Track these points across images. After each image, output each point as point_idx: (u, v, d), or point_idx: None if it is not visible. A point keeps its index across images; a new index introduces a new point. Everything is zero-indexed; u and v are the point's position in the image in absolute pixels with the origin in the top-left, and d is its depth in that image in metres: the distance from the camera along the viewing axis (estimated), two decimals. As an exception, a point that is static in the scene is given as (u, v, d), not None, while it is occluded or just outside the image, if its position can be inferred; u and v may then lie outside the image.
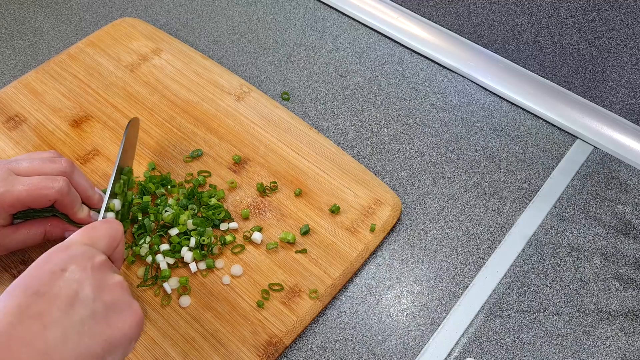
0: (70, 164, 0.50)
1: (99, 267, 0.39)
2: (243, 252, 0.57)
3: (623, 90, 0.64)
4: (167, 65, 0.71)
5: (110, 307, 0.38)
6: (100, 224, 0.44)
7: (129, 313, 0.39)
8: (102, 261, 0.40)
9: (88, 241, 0.41)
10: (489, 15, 0.69)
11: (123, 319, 0.38)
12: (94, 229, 0.43)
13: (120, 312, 0.38)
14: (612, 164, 0.66)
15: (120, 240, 0.44)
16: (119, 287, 0.40)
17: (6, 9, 0.79)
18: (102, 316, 0.37)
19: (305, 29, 0.78)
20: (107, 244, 0.43)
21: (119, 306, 0.39)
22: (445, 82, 0.73)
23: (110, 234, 0.43)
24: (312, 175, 0.62)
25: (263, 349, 0.51)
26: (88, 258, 0.39)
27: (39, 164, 0.49)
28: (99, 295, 0.38)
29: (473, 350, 0.53)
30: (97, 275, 0.39)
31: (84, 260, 0.39)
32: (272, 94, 0.71)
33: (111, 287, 0.39)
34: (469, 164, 0.66)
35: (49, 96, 0.68)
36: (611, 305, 0.56)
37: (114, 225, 0.44)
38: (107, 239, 0.43)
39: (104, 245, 0.42)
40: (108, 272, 0.40)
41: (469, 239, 0.60)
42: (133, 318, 0.39)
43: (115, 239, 0.44)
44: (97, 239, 0.42)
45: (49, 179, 0.48)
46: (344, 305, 0.56)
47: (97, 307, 0.37)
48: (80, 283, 0.37)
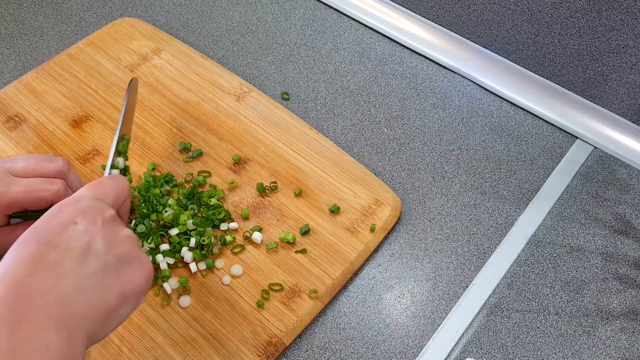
0: (67, 163, 0.50)
1: (109, 220, 0.40)
2: (243, 252, 0.57)
3: (623, 90, 0.64)
4: (167, 65, 0.71)
5: (122, 260, 0.38)
6: (108, 179, 0.44)
7: (140, 266, 0.39)
8: (111, 215, 0.40)
9: (97, 195, 0.41)
10: (489, 15, 0.69)
11: (134, 272, 0.39)
12: (101, 184, 0.43)
13: (131, 265, 0.39)
14: (612, 164, 0.66)
15: (126, 195, 0.44)
16: (129, 240, 0.40)
17: (6, 9, 0.79)
18: (114, 269, 0.38)
19: (305, 29, 0.78)
20: (115, 198, 0.43)
21: (129, 259, 0.39)
22: (445, 82, 0.73)
23: (117, 189, 0.43)
24: (312, 175, 0.62)
25: (263, 349, 0.51)
26: (98, 211, 0.39)
27: (35, 163, 0.49)
28: (110, 248, 0.38)
29: (473, 350, 0.53)
30: (108, 229, 0.39)
31: (94, 213, 0.39)
32: (272, 94, 0.71)
33: (121, 241, 0.39)
34: (469, 164, 0.66)
35: (49, 96, 0.68)
36: (611, 305, 0.56)
37: (120, 181, 0.44)
38: (115, 194, 0.43)
39: (111, 200, 0.42)
40: (118, 226, 0.40)
41: (469, 239, 0.60)
42: (143, 270, 0.39)
43: (122, 193, 0.44)
44: (105, 194, 0.42)
45: (46, 181, 0.48)
46: (344, 305, 0.56)
47: (109, 260, 0.37)
48: (91, 236, 0.38)
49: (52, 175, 0.49)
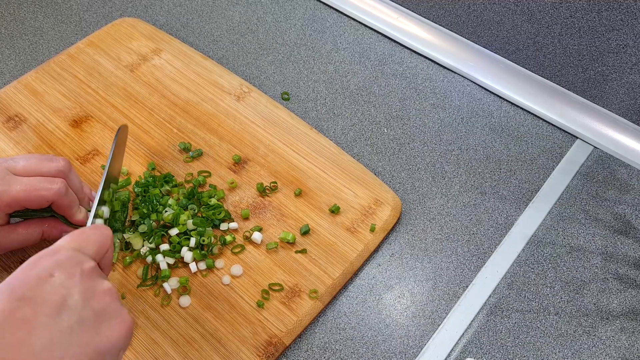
0: (68, 163, 0.50)
1: (88, 273, 0.38)
2: (243, 252, 0.57)
3: (623, 90, 0.64)
4: (167, 65, 0.71)
5: (99, 314, 0.37)
6: (90, 230, 0.43)
7: (118, 321, 0.38)
8: (91, 267, 0.39)
9: (77, 246, 0.40)
10: (489, 15, 0.69)
11: (112, 328, 0.37)
12: (82, 234, 0.42)
13: (109, 320, 0.37)
14: (612, 164, 0.66)
15: (109, 246, 0.43)
16: (109, 294, 0.39)
17: (6, 9, 0.79)
18: (91, 324, 0.36)
19: (305, 29, 0.78)
20: (96, 249, 0.41)
21: (108, 314, 0.37)
22: (445, 82, 0.73)
23: (100, 240, 0.42)
24: (312, 175, 0.62)
25: (263, 349, 0.51)
26: (76, 263, 0.38)
27: (36, 163, 0.49)
28: (87, 302, 0.37)
29: (473, 350, 0.53)
30: (86, 282, 0.38)
31: (72, 265, 0.38)
32: (272, 94, 0.71)
33: (100, 294, 0.38)
34: (469, 164, 0.66)
35: (49, 96, 0.68)
36: (611, 305, 0.56)
37: (103, 231, 0.43)
38: (96, 244, 0.42)
39: (92, 251, 0.41)
40: (97, 279, 0.39)
41: (469, 239, 0.60)
42: (122, 326, 0.38)
43: (105, 245, 0.42)
44: (86, 244, 0.41)
45: (47, 180, 0.48)
46: (344, 305, 0.56)
47: (85, 315, 0.36)
48: (68, 289, 0.36)
49: (53, 175, 0.50)
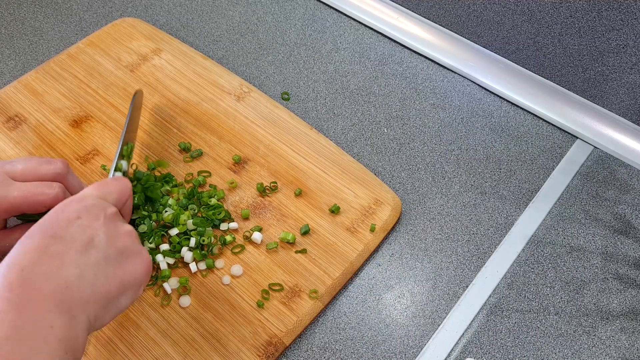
0: (66, 165, 0.51)
1: (111, 217, 0.42)
2: (243, 252, 0.57)
3: (623, 90, 0.64)
4: (167, 65, 0.71)
5: (122, 252, 0.41)
6: (111, 181, 0.47)
7: (139, 259, 0.42)
8: (113, 212, 0.43)
9: (100, 194, 0.44)
10: (489, 15, 0.69)
11: (134, 264, 0.42)
12: (105, 184, 0.46)
13: (131, 257, 0.42)
14: (612, 164, 0.66)
15: (129, 195, 0.47)
16: (129, 235, 0.43)
17: (6, 9, 0.79)
18: (115, 260, 0.40)
19: (305, 29, 0.78)
20: (117, 198, 0.45)
21: (129, 252, 0.42)
22: (445, 82, 0.73)
23: (120, 189, 0.46)
24: (312, 175, 0.62)
25: (263, 349, 0.51)
26: (101, 209, 0.42)
27: (34, 166, 0.49)
28: (111, 241, 0.41)
29: (473, 350, 0.53)
30: (109, 224, 0.42)
31: (97, 210, 0.42)
32: (272, 94, 0.71)
33: (122, 235, 0.42)
34: (469, 164, 0.66)
35: (49, 96, 0.68)
36: (611, 305, 0.56)
37: (123, 182, 0.47)
38: (117, 193, 0.46)
39: (114, 199, 0.45)
40: (119, 222, 0.43)
41: (469, 239, 0.60)
42: (142, 263, 0.42)
43: (125, 194, 0.47)
44: (108, 193, 0.45)
45: (44, 185, 0.48)
46: (344, 305, 0.56)
47: (110, 252, 0.40)
48: (94, 230, 0.40)
49: (51, 178, 0.50)
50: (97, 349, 0.51)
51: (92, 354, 0.51)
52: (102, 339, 0.51)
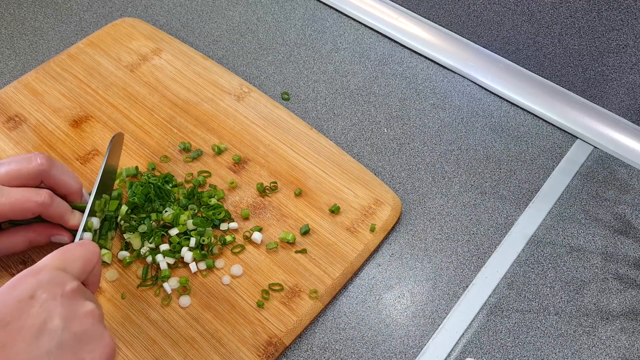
0: (47, 160, 0.48)
1: (70, 294, 0.38)
2: (243, 252, 0.57)
3: (623, 90, 0.64)
4: (167, 65, 0.71)
5: (80, 338, 0.36)
6: (75, 246, 0.42)
7: (99, 344, 0.37)
8: (73, 288, 0.38)
9: (60, 265, 0.39)
10: (489, 15, 0.69)
11: (93, 351, 0.37)
12: (67, 251, 0.41)
13: (90, 343, 0.37)
14: (612, 164, 0.66)
15: (96, 262, 0.42)
16: (90, 316, 0.38)
17: (6, 9, 0.79)
18: (70, 348, 0.36)
19: (305, 29, 0.78)
20: (81, 267, 0.40)
21: (89, 337, 0.37)
22: (445, 82, 0.73)
23: (85, 257, 0.41)
24: (312, 175, 0.62)
25: (263, 349, 0.51)
26: (58, 284, 0.37)
27: (17, 168, 0.47)
28: (68, 325, 0.36)
29: (473, 350, 0.53)
30: (67, 304, 0.37)
31: (54, 287, 0.37)
32: (272, 94, 0.71)
33: (82, 317, 0.37)
34: (469, 164, 0.66)
35: (49, 96, 0.68)
36: (611, 305, 0.56)
37: (90, 248, 0.42)
38: (82, 262, 0.41)
39: (77, 269, 0.40)
40: (79, 300, 0.38)
41: (469, 239, 0.60)
42: (102, 349, 0.37)
43: (91, 262, 0.41)
44: (71, 263, 0.40)
45: (31, 193, 0.46)
46: (344, 305, 0.56)
47: (65, 338, 0.35)
48: (48, 312, 0.36)
49: (34, 175, 0.48)
50: (97, 349, 0.51)
51: (92, 354, 0.51)
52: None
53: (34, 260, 0.54)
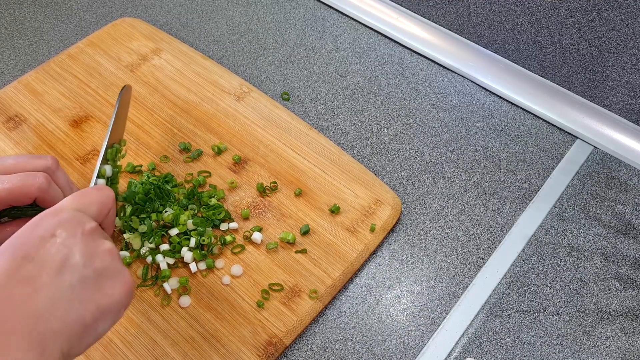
0: (55, 162, 0.48)
1: (89, 233, 0.39)
2: (243, 252, 0.57)
3: (623, 90, 0.64)
4: (167, 66, 0.71)
5: (100, 273, 0.37)
6: (92, 190, 0.43)
7: (119, 280, 0.38)
8: (92, 227, 0.39)
9: (79, 207, 0.40)
10: (489, 15, 0.69)
11: (113, 285, 0.38)
12: (85, 194, 0.42)
13: (110, 278, 0.38)
14: (612, 164, 0.66)
15: (111, 206, 0.43)
16: (109, 253, 0.39)
17: (6, 9, 0.79)
18: (92, 282, 0.37)
19: (305, 29, 0.78)
20: (98, 210, 0.42)
21: (109, 273, 0.38)
22: (445, 82, 0.73)
23: (101, 200, 0.42)
24: (312, 175, 0.62)
25: (263, 349, 0.51)
26: (78, 224, 0.38)
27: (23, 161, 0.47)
28: (89, 261, 0.37)
29: (473, 350, 0.53)
30: (87, 242, 0.38)
31: (74, 225, 0.38)
32: (272, 94, 0.71)
33: (101, 254, 0.38)
34: (469, 164, 0.66)
35: (49, 96, 0.68)
36: (611, 305, 0.56)
37: (105, 192, 0.43)
38: (98, 205, 0.42)
39: (94, 212, 0.41)
40: (98, 239, 0.39)
41: (469, 239, 0.60)
42: (123, 284, 0.38)
43: (107, 205, 0.43)
44: (88, 205, 0.41)
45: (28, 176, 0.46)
46: (344, 305, 0.56)
47: (86, 273, 0.37)
48: (69, 248, 0.37)
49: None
50: (97, 349, 0.51)
51: (92, 354, 0.51)
52: (102, 339, 0.51)
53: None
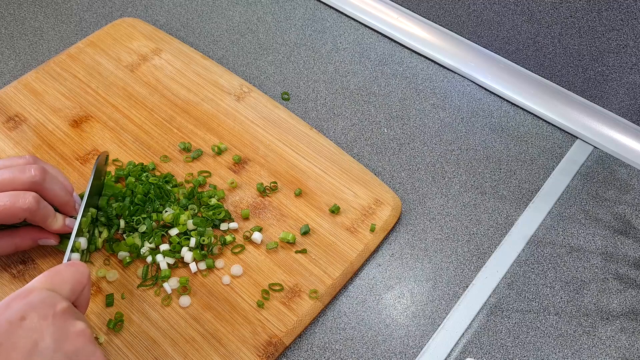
0: (41, 172, 0.48)
1: (61, 314, 0.38)
2: (243, 252, 0.57)
3: (623, 90, 0.64)
4: (167, 65, 0.71)
5: (71, 357, 0.37)
6: (65, 268, 0.42)
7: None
8: (63, 308, 0.38)
9: (50, 286, 0.40)
10: (489, 15, 0.69)
11: None
12: (57, 273, 0.41)
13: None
14: (612, 164, 0.66)
15: (86, 283, 0.43)
16: (82, 335, 0.38)
17: (6, 9, 0.79)
18: None
19: (305, 29, 0.78)
20: (71, 288, 0.41)
21: (80, 356, 0.37)
22: (445, 82, 0.73)
23: (75, 278, 0.42)
24: (312, 175, 0.62)
25: (263, 349, 0.51)
26: (49, 305, 0.38)
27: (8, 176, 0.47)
28: (59, 345, 0.36)
29: (473, 350, 0.53)
30: (59, 324, 0.37)
31: (44, 308, 0.37)
32: (272, 94, 0.71)
33: (73, 336, 0.38)
34: (469, 164, 0.66)
35: (49, 96, 0.68)
36: (611, 305, 0.56)
37: (79, 269, 0.43)
38: (71, 283, 0.41)
39: (67, 291, 0.41)
40: (70, 320, 0.38)
41: (469, 239, 0.60)
42: None
43: (81, 282, 0.42)
44: (61, 284, 0.40)
45: (17, 196, 0.46)
46: (344, 305, 0.56)
47: (57, 358, 0.36)
48: (40, 333, 0.36)
49: (27, 187, 0.47)
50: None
51: (92, 354, 0.51)
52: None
53: (34, 260, 0.54)
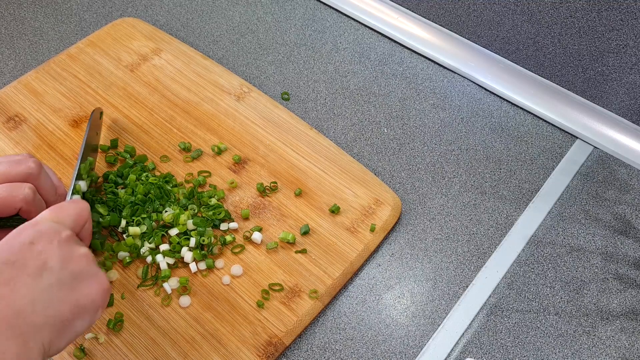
0: (38, 165, 0.50)
1: (65, 240, 0.42)
2: (243, 252, 0.57)
3: (623, 90, 0.64)
4: (167, 65, 0.71)
5: (77, 276, 0.41)
6: (68, 204, 0.46)
7: (95, 281, 0.42)
8: (68, 235, 0.42)
9: (56, 219, 0.44)
10: (489, 15, 0.69)
11: (89, 286, 0.41)
12: (61, 208, 0.45)
13: (86, 280, 0.41)
14: (612, 164, 0.66)
15: (87, 219, 0.46)
16: (85, 258, 0.42)
17: (6, 9, 0.79)
18: (69, 284, 0.40)
19: (305, 29, 0.78)
20: (74, 221, 0.45)
21: (85, 275, 0.41)
22: (445, 82, 0.73)
23: (77, 213, 0.45)
24: (312, 175, 0.62)
25: (263, 349, 0.51)
26: (55, 232, 0.42)
27: (5, 168, 0.49)
28: (65, 265, 0.40)
29: (473, 350, 0.53)
30: (64, 248, 0.41)
31: (51, 234, 0.41)
32: (272, 94, 0.71)
33: (77, 258, 0.42)
34: (469, 164, 0.66)
35: (49, 96, 0.68)
36: (611, 305, 0.56)
37: (80, 205, 0.46)
38: (74, 217, 0.45)
39: (70, 223, 0.44)
40: (74, 245, 0.42)
41: (469, 239, 0.60)
42: (99, 286, 0.42)
43: (82, 217, 0.46)
44: (64, 217, 0.44)
45: (14, 187, 0.48)
46: (344, 305, 0.56)
47: (63, 276, 0.40)
48: (47, 254, 0.40)
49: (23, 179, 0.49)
50: (97, 349, 0.51)
51: (93, 354, 0.51)
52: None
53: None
